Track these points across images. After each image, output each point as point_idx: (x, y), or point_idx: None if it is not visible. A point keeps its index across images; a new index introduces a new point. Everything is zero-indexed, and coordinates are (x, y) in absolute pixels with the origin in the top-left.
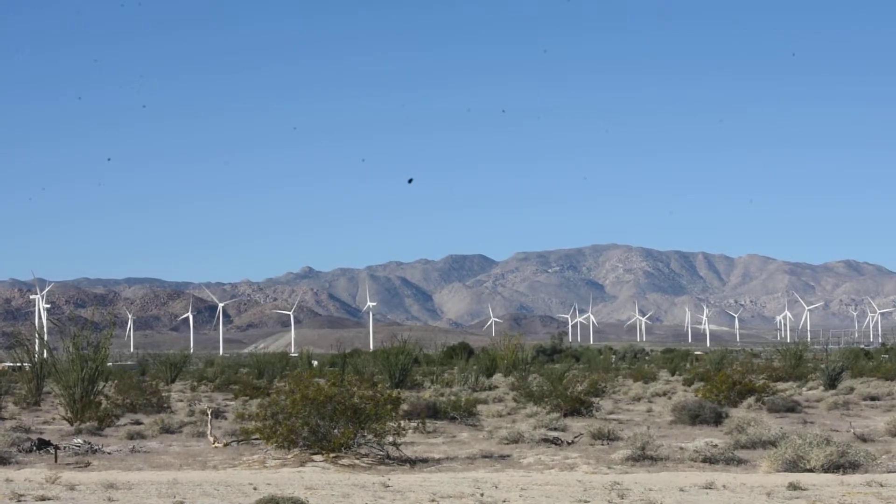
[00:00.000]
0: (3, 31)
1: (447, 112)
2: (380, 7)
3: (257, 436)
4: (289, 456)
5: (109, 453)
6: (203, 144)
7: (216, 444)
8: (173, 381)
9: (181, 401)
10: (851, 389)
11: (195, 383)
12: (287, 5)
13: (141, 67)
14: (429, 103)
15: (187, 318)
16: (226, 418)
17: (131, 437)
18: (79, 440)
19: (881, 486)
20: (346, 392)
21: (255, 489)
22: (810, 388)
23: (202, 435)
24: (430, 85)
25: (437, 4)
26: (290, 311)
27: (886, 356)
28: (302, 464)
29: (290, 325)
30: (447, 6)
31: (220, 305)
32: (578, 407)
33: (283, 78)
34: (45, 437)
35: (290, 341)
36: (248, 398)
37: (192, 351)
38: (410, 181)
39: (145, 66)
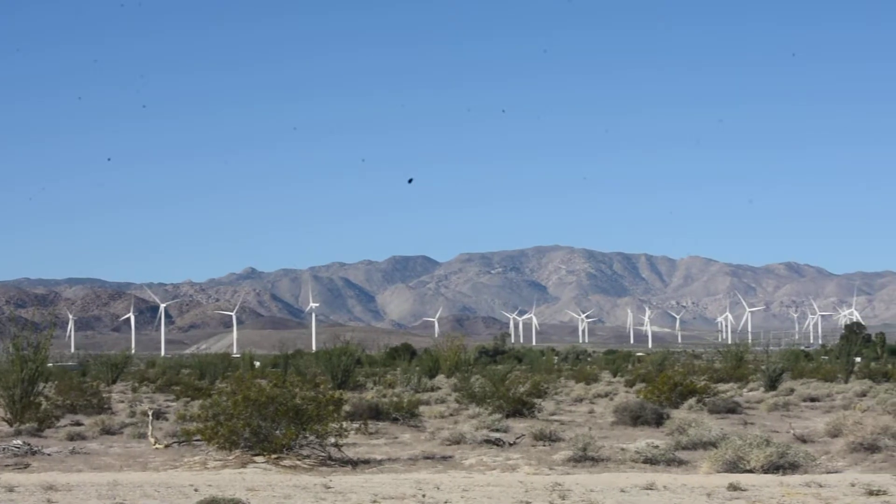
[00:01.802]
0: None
1: (389, 114)
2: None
3: (199, 437)
4: (230, 457)
5: (49, 455)
6: (146, 147)
7: (157, 446)
8: (114, 382)
9: (122, 402)
10: (791, 391)
11: (136, 384)
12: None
13: (128, 66)
14: (377, 104)
15: (129, 319)
16: (167, 419)
17: (71, 438)
18: (18, 441)
19: (820, 486)
20: (287, 393)
21: (196, 490)
22: (751, 390)
23: (143, 436)
24: (383, 85)
25: None
26: (232, 311)
27: (826, 358)
28: (243, 465)
29: (232, 325)
30: None
31: (162, 306)
32: (520, 408)
33: (231, 80)
34: None
35: (232, 342)
36: (189, 399)
37: (133, 352)
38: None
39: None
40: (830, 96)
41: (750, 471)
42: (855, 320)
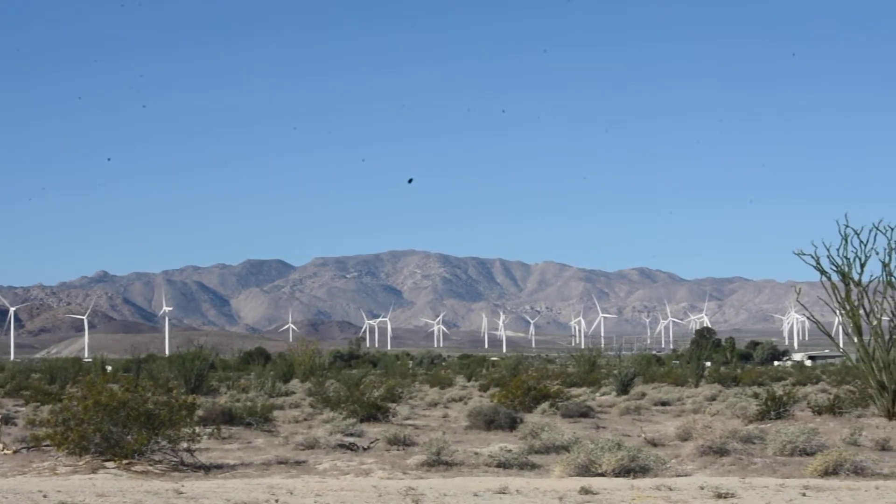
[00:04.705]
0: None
1: (250, 109)
2: None
3: (48, 442)
4: (80, 463)
5: None
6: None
7: (5, 451)
8: None
9: None
10: (643, 395)
11: None
12: None
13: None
14: (231, 98)
15: None
16: (16, 424)
17: None
18: None
19: (670, 489)
20: (139, 398)
21: (45, 497)
22: (603, 394)
23: None
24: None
25: None
26: (84, 315)
27: (677, 362)
28: (94, 470)
29: (83, 329)
30: None
31: (12, 309)
32: (375, 412)
33: (87, 79)
34: None
35: (83, 346)
36: (39, 404)
37: None
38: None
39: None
40: (680, 110)
41: (602, 474)
42: (705, 325)
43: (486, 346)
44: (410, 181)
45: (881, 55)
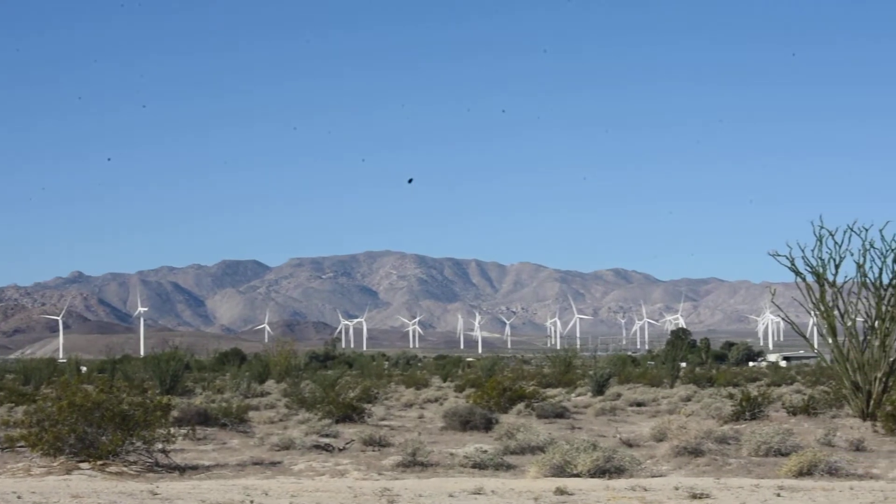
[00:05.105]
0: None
1: (218, 114)
2: None
3: (22, 443)
4: (55, 464)
5: None
6: None
7: None
8: None
9: None
10: (618, 395)
11: None
12: None
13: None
14: (201, 106)
15: None
16: None
17: None
18: None
19: (645, 490)
20: (114, 398)
21: (19, 498)
22: (579, 395)
23: None
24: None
25: None
26: (58, 316)
27: (652, 363)
28: (68, 472)
29: (58, 330)
30: None
31: None
32: (350, 413)
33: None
34: None
35: (58, 347)
36: (13, 405)
37: None
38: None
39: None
40: (655, 113)
41: (577, 475)
42: (680, 326)
43: (462, 346)
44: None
45: (854, 58)
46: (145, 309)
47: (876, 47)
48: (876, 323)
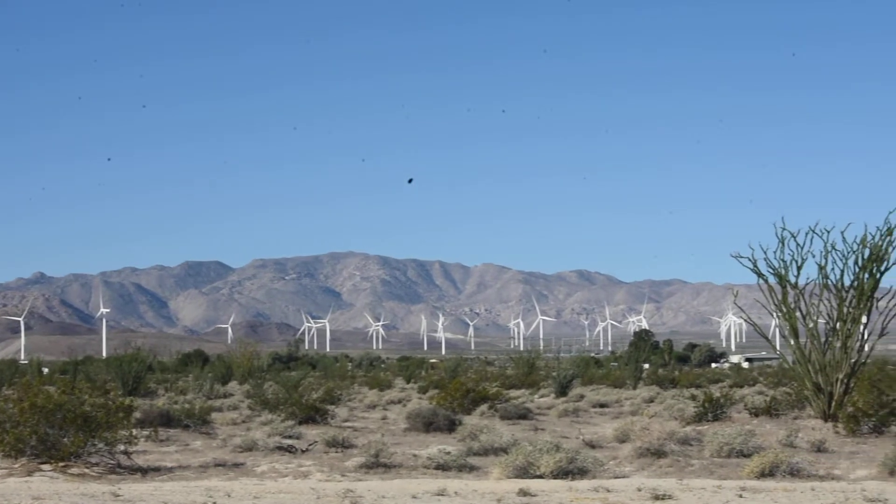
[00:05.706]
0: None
1: (188, 119)
2: None
3: None
4: (16, 465)
5: None
6: None
7: None
8: None
9: None
10: (581, 397)
11: None
12: None
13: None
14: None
15: None
16: None
17: None
18: None
19: (608, 491)
20: (76, 400)
21: None
22: (542, 396)
23: None
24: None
25: None
26: (20, 317)
27: (615, 364)
28: (30, 473)
29: (20, 331)
30: None
31: None
32: (313, 415)
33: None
34: None
35: (20, 348)
36: None
37: None
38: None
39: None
40: (618, 117)
41: (540, 476)
42: (643, 327)
43: (426, 348)
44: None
45: (817, 62)
46: (108, 310)
47: (853, 50)
48: (837, 325)
